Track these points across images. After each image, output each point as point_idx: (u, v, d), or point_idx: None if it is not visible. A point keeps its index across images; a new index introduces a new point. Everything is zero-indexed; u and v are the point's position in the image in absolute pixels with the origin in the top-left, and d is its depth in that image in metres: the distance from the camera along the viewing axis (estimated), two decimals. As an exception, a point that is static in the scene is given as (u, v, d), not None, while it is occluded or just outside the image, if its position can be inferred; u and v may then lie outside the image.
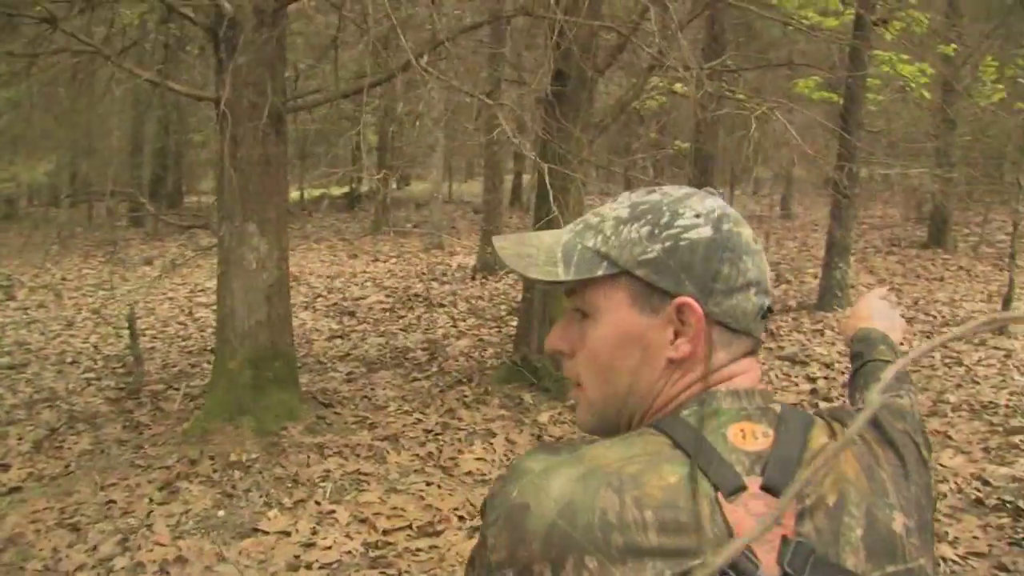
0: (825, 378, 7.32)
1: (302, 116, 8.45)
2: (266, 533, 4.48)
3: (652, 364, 0.99)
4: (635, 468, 0.88)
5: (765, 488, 0.89)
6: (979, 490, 4.94)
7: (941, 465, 5.28)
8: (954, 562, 4.15)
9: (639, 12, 5.99)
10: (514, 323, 9.09)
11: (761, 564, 0.85)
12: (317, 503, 4.84)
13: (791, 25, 7.16)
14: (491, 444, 5.83)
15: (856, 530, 0.91)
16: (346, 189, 23.93)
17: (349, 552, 4.30)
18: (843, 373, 7.45)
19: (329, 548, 4.33)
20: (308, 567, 4.13)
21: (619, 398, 1.01)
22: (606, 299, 1.00)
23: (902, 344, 1.57)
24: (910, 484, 1.00)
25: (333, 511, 4.73)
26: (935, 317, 9.62)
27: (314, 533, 4.48)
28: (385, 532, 4.52)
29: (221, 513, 4.72)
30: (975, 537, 4.36)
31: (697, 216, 0.98)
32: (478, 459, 5.56)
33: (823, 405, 6.57)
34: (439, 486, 5.14)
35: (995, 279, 12.24)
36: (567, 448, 0.93)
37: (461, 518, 4.72)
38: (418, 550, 4.34)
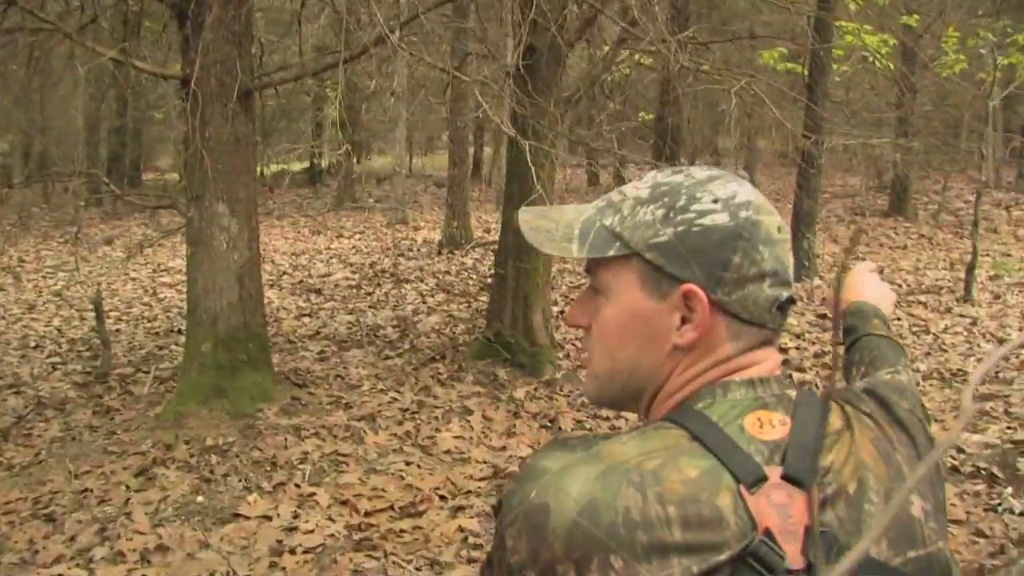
0: (796, 348, 7.38)
1: (264, 92, 8.29)
2: (247, 518, 4.43)
3: (657, 348, 0.98)
4: (655, 463, 0.87)
5: (786, 477, 0.88)
6: (954, 458, 5.01)
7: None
8: (933, 530, 4.20)
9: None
10: (484, 298, 9.07)
11: (787, 555, 0.84)
12: (297, 486, 4.79)
13: (760, -3, 7.14)
14: (468, 421, 5.82)
15: (877, 517, 0.90)
16: (307, 165, 23.70)
17: (332, 535, 4.27)
18: (814, 343, 7.52)
19: (312, 532, 4.29)
20: (292, 552, 4.09)
21: (623, 375, 1.01)
22: (616, 279, 0.99)
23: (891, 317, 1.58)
24: None
25: (313, 494, 4.69)
26: (901, 285, 9.74)
27: (296, 517, 4.44)
28: (367, 514, 4.50)
29: (200, 499, 4.66)
30: (952, 504, 4.42)
31: (715, 201, 0.96)
32: (456, 437, 5.54)
33: (796, 376, 6.62)
34: (418, 465, 5.12)
35: (956, 246, 12.45)
36: (582, 445, 0.91)
37: (443, 497, 4.71)
38: (402, 531, 4.32)
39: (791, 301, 0.99)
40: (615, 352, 1.01)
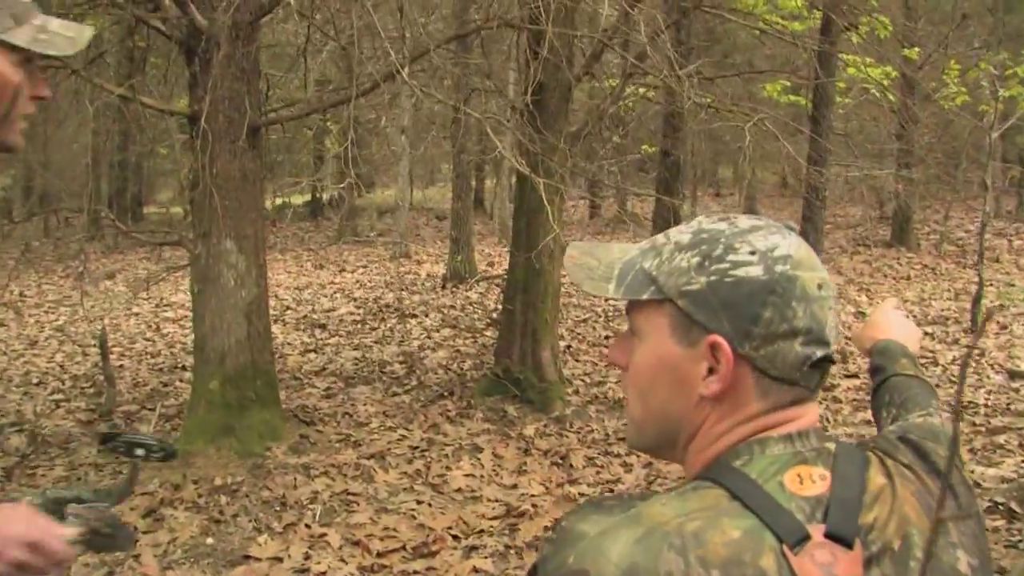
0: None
1: (268, 127, 8.28)
2: (258, 560, 4.36)
3: (685, 396, 0.96)
4: (695, 525, 0.84)
5: (829, 535, 0.86)
6: (971, 493, 4.95)
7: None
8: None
9: (617, 17, 5.95)
10: (490, 333, 9.04)
11: None
12: (307, 526, 4.73)
13: (766, 32, 7.17)
14: (478, 459, 5.76)
15: None
16: (308, 198, 23.75)
17: (345, 577, 4.20)
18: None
19: (324, 573, 4.23)
20: (305, 595, 4.03)
21: (655, 420, 1.00)
22: (648, 323, 0.98)
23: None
24: None
25: (324, 534, 4.63)
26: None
27: (307, 558, 4.38)
28: (379, 554, 4.43)
29: (210, 540, 4.60)
30: (973, 542, 4.36)
31: (752, 253, 0.94)
32: (467, 475, 5.48)
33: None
34: (430, 504, 5.06)
35: (959, 276, 12.44)
36: (619, 506, 0.89)
37: (455, 537, 4.65)
38: (415, 572, 4.26)
39: (828, 360, 0.95)
40: (646, 396, 1.00)
